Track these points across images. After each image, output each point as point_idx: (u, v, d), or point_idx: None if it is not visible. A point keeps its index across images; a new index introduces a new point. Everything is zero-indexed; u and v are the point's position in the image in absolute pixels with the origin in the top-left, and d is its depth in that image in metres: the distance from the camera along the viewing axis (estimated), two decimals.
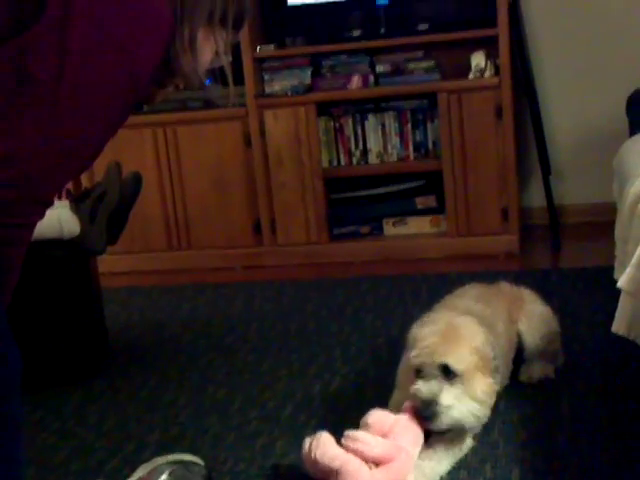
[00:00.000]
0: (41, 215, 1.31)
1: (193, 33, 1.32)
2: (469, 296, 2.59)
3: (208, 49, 1.38)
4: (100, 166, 3.08)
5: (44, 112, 1.22)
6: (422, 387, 2.11)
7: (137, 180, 2.96)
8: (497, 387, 2.25)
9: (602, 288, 3.17)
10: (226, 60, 1.42)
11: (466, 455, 2.16)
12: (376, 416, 2.11)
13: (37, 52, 1.20)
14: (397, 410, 2.19)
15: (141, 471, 2.08)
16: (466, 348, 2.14)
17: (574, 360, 2.66)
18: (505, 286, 2.72)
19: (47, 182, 1.28)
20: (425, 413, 2.08)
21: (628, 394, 2.41)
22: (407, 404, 2.14)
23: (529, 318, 2.57)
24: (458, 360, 2.11)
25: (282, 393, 2.67)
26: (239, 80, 3.93)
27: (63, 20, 1.20)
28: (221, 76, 1.45)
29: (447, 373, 2.10)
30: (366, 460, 2.00)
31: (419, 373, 2.14)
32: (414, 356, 2.14)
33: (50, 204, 1.32)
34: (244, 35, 3.93)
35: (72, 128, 1.25)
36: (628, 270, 2.24)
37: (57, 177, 1.30)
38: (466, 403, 2.11)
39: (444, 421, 2.08)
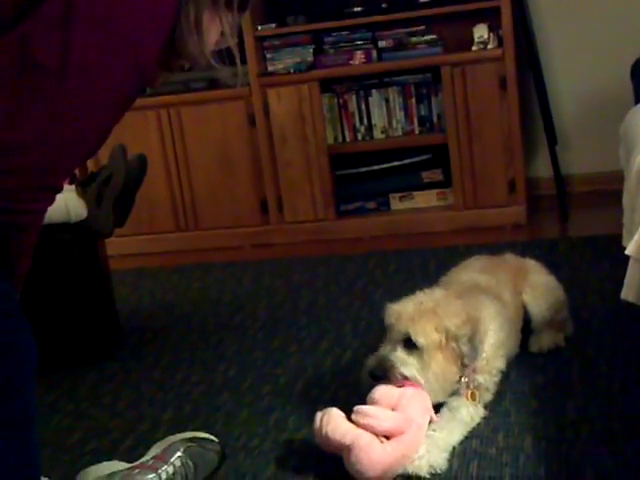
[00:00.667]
0: (51, 201, 1.31)
1: (199, 15, 1.32)
2: (473, 268, 2.59)
3: (214, 30, 1.37)
4: (105, 149, 3.09)
5: (50, 99, 1.22)
6: (379, 351, 2.17)
7: (142, 162, 2.96)
8: (499, 365, 2.27)
9: (610, 256, 3.17)
10: (232, 41, 1.41)
11: (478, 424, 2.18)
12: (382, 391, 2.11)
13: (41, 40, 1.20)
14: None
15: (155, 450, 2.10)
16: (433, 323, 2.15)
17: (584, 328, 2.67)
18: (510, 257, 2.72)
19: (55, 168, 1.28)
20: (376, 372, 2.14)
21: (638, 360, 2.42)
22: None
23: (533, 288, 2.57)
24: (421, 332, 2.13)
25: (293, 369, 2.68)
26: (241, 59, 3.90)
27: (67, 8, 1.20)
28: (228, 57, 1.44)
29: (408, 343, 2.14)
30: (377, 434, 2.01)
31: (386, 333, 2.20)
32: (387, 315, 2.21)
33: (60, 190, 1.32)
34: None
35: (78, 115, 1.25)
36: (636, 237, 2.24)
37: (65, 163, 1.30)
38: (423, 372, 2.14)
39: (394, 376, 2.12)
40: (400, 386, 2.11)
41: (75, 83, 1.23)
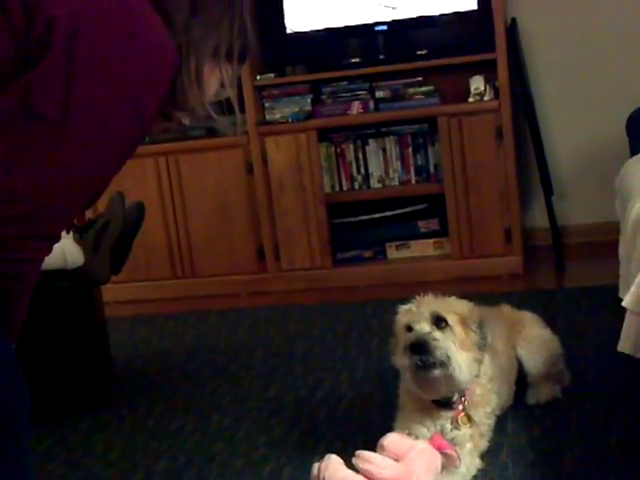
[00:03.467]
0: (48, 250, 1.31)
1: (199, 66, 1.33)
2: None
3: (214, 82, 1.38)
4: (103, 196, 3.10)
5: (49, 149, 1.22)
6: (411, 333, 2.17)
7: (140, 209, 2.97)
8: (493, 409, 2.26)
9: (607, 307, 3.16)
10: (232, 92, 1.42)
11: (475, 477, 2.16)
12: (392, 438, 2.09)
13: (42, 90, 1.21)
14: (403, 432, 2.18)
15: None
16: (451, 307, 2.21)
17: (581, 380, 2.66)
18: (506, 308, 2.72)
19: (53, 218, 1.28)
20: (421, 346, 2.12)
21: (635, 413, 2.40)
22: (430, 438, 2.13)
23: (528, 342, 2.58)
24: (447, 309, 2.18)
25: (289, 419, 2.66)
26: (240, 108, 3.94)
27: (68, 60, 1.21)
28: (227, 107, 1.45)
29: (438, 322, 2.16)
30: None
31: (409, 328, 2.19)
32: (402, 314, 2.23)
33: (57, 240, 1.32)
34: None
35: (78, 165, 1.25)
36: (633, 289, 2.24)
37: (63, 213, 1.30)
38: (460, 356, 2.16)
39: (439, 353, 2.13)
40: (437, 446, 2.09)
41: (75, 134, 1.23)
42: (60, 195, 1.26)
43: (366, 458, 2.01)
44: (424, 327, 2.17)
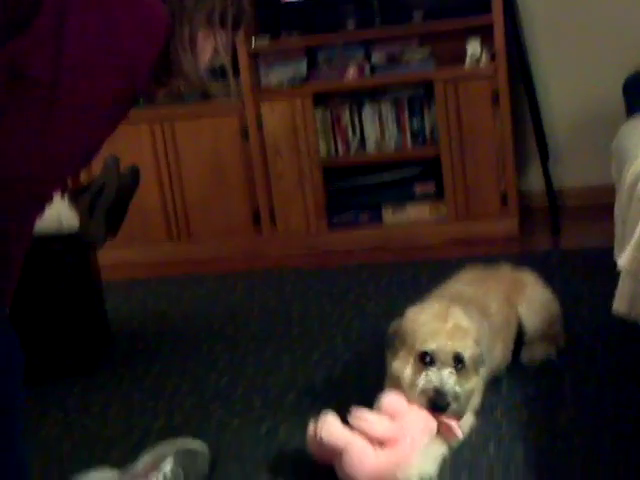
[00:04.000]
0: (41, 212, 1.31)
1: (193, 33, 1.33)
2: (463, 280, 2.60)
3: (208, 48, 1.38)
4: (98, 161, 3.09)
5: (40, 111, 1.22)
6: (433, 377, 2.10)
7: (135, 174, 2.96)
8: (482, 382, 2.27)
9: (602, 269, 3.16)
10: (226, 58, 1.42)
11: (469, 435, 2.18)
12: (391, 398, 2.11)
13: (33, 53, 1.20)
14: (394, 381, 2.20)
15: (146, 458, 2.10)
16: (471, 340, 2.15)
17: (576, 341, 2.68)
18: (505, 269, 2.73)
19: (45, 180, 1.28)
20: (440, 403, 2.07)
21: (629, 374, 2.42)
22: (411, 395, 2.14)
23: (529, 302, 2.58)
24: (468, 350, 2.12)
25: (285, 380, 2.68)
26: (234, 73, 3.92)
27: (58, 25, 1.20)
28: (221, 73, 1.45)
29: (458, 362, 2.11)
30: (371, 440, 2.01)
31: (426, 359, 2.12)
32: (426, 341, 2.11)
33: (50, 201, 1.32)
34: None
35: (69, 128, 1.25)
36: (627, 250, 2.26)
37: (55, 175, 1.31)
38: (465, 393, 2.13)
39: (455, 410, 2.10)
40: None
41: (66, 96, 1.23)
42: (51, 157, 1.26)
43: (362, 416, 2.04)
44: (446, 377, 2.09)
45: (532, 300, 2.59)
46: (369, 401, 2.16)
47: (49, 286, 2.88)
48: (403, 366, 2.16)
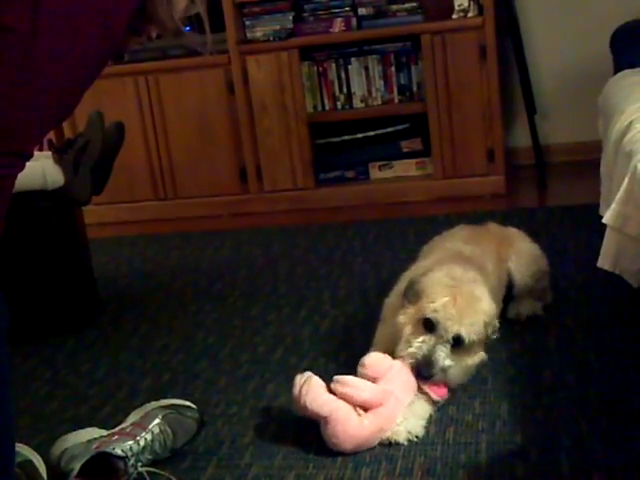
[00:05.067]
0: (21, 167, 1.29)
1: None
2: (458, 237, 2.59)
3: None
4: (82, 116, 3.07)
5: (18, 63, 1.20)
6: (425, 346, 2.10)
7: (120, 129, 2.94)
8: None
9: (588, 225, 3.19)
10: (202, 8, 1.40)
11: (455, 391, 2.19)
12: (373, 358, 2.11)
13: (11, 4, 1.18)
14: (382, 344, 2.20)
15: (134, 417, 2.10)
16: (481, 321, 2.12)
17: (561, 297, 2.69)
18: (493, 226, 2.73)
19: (25, 133, 1.27)
20: (424, 373, 2.08)
21: (615, 329, 2.44)
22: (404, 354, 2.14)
23: (518, 256, 2.58)
24: (472, 333, 2.10)
25: (272, 337, 2.68)
26: (220, 26, 3.88)
27: None
28: (198, 23, 1.43)
29: (457, 342, 2.10)
30: (354, 404, 2.01)
31: (428, 326, 2.11)
32: (432, 310, 2.10)
33: (30, 156, 1.30)
34: None
35: (47, 79, 1.23)
36: (613, 206, 2.26)
37: (35, 128, 1.29)
38: (460, 367, 2.13)
39: (438, 379, 2.10)
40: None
41: (44, 46, 1.21)
42: (31, 109, 1.24)
43: (344, 382, 2.04)
44: (437, 350, 2.08)
45: (521, 255, 2.59)
46: (356, 357, 2.16)
47: (34, 244, 2.87)
48: (406, 322, 2.15)
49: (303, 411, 2.04)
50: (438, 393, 2.11)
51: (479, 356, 2.17)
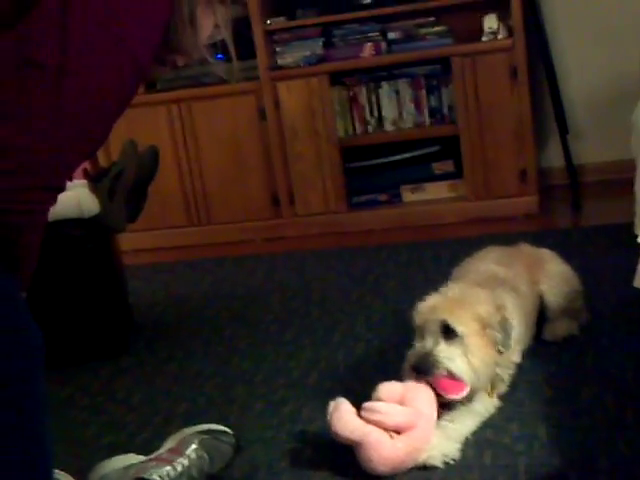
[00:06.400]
0: (53, 201, 1.30)
1: (193, 9, 1.32)
2: (490, 259, 2.58)
3: (207, 23, 1.37)
4: (116, 145, 3.11)
5: (47, 98, 1.22)
6: (418, 345, 2.13)
7: (154, 153, 2.97)
8: (514, 359, 2.25)
9: (623, 245, 3.14)
10: (227, 34, 1.41)
11: (492, 414, 2.18)
12: (385, 389, 2.11)
13: (39, 38, 1.20)
14: None
15: (170, 442, 2.11)
16: (468, 312, 2.13)
17: (598, 317, 2.66)
18: (525, 247, 2.72)
19: (55, 168, 1.28)
20: (420, 367, 2.09)
21: None
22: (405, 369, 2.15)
23: (550, 278, 2.57)
24: (458, 320, 2.11)
25: (306, 361, 2.69)
26: (251, 54, 3.92)
27: (63, 5, 1.20)
28: (225, 51, 1.45)
29: (447, 332, 2.11)
30: (387, 429, 2.01)
31: (419, 330, 2.16)
32: (417, 313, 2.17)
33: (62, 189, 1.31)
34: (254, 8, 3.92)
35: (77, 113, 1.24)
36: None
37: (65, 162, 1.30)
38: (464, 362, 2.10)
39: (438, 372, 2.09)
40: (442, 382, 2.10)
41: (74, 81, 1.23)
42: (61, 144, 1.26)
43: (374, 409, 2.03)
44: (427, 343, 2.12)
45: (553, 276, 2.58)
46: (392, 380, 2.15)
47: (70, 271, 2.90)
48: (424, 341, 2.16)
49: (336, 437, 2.04)
50: (451, 392, 2.09)
51: (486, 353, 2.13)
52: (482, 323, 2.14)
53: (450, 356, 2.09)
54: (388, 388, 2.11)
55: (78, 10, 1.21)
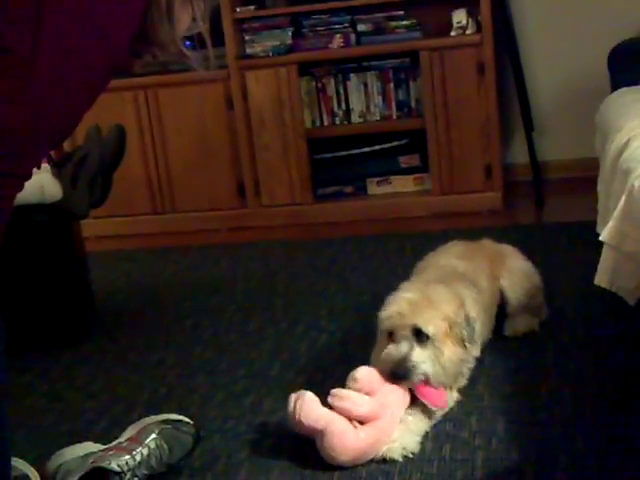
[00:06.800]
0: (20, 188, 1.29)
1: (170, 2, 1.31)
2: (451, 253, 2.60)
3: (185, 17, 1.36)
4: (81, 131, 3.07)
5: (18, 85, 1.20)
6: (393, 349, 2.12)
7: (120, 134, 2.94)
8: (474, 353, 2.27)
9: (585, 242, 3.18)
10: (204, 27, 1.40)
11: (452, 408, 2.19)
12: (364, 371, 2.12)
13: (11, 24, 1.19)
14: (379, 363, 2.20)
15: (130, 431, 2.10)
16: (437, 313, 2.14)
17: (558, 313, 2.69)
18: (487, 243, 2.74)
19: (24, 155, 1.27)
20: (399, 371, 2.09)
21: (611, 346, 2.44)
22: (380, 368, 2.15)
23: (511, 274, 2.59)
24: (428, 323, 2.11)
25: (269, 352, 2.68)
26: (219, 42, 3.90)
27: (35, 5, 1.19)
28: (199, 41, 1.43)
29: (418, 336, 2.11)
30: (351, 418, 2.02)
31: (391, 336, 2.15)
32: (385, 318, 2.16)
33: (29, 177, 1.30)
34: None
35: (47, 101, 1.23)
36: (610, 223, 2.26)
37: (34, 150, 1.29)
38: (437, 364, 2.13)
39: (417, 376, 2.10)
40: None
41: (45, 69, 1.21)
42: (30, 131, 1.24)
43: (342, 396, 2.04)
44: (402, 348, 2.11)
45: (514, 272, 2.60)
46: None
47: (32, 257, 2.87)
48: (378, 351, 2.18)
49: (298, 427, 2.04)
50: (435, 402, 2.11)
51: (455, 352, 2.16)
52: (449, 322, 2.15)
53: (425, 360, 2.10)
54: (367, 372, 2.10)
55: (53, 4, 1.19)
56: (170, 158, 4.10)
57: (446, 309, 2.16)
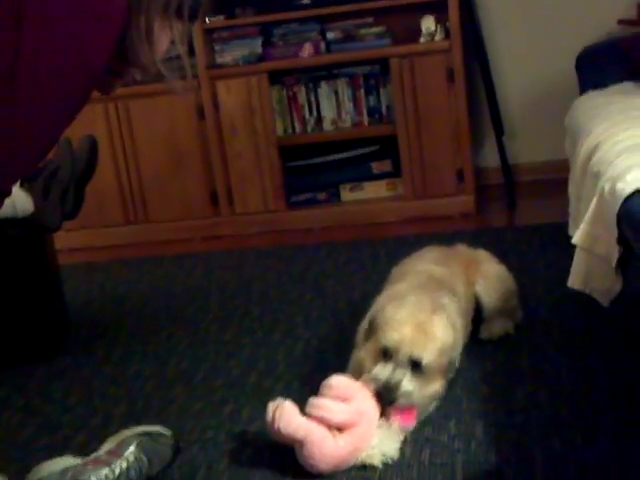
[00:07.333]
0: (0, 204, 1.30)
1: (149, 23, 1.32)
2: (428, 259, 2.61)
3: (164, 39, 1.37)
4: None
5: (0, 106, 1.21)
6: (385, 372, 2.11)
7: (92, 146, 2.92)
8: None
9: (557, 244, 3.22)
10: (183, 49, 1.41)
11: (430, 412, 2.20)
12: (339, 379, 2.12)
13: None
14: (357, 369, 2.20)
15: (109, 444, 2.09)
16: (438, 347, 2.13)
17: (532, 316, 2.71)
18: (462, 248, 2.75)
19: (5, 174, 1.27)
20: (387, 397, 2.08)
21: (585, 347, 2.47)
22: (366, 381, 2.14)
23: (485, 278, 2.60)
24: (430, 358, 2.11)
25: (246, 361, 2.68)
26: (189, 51, 3.89)
27: (15, 18, 1.19)
28: (177, 65, 1.44)
29: (415, 366, 2.11)
30: (329, 427, 2.02)
31: (386, 353, 2.13)
32: (388, 338, 2.12)
33: (7, 195, 1.31)
34: None
35: (27, 122, 1.23)
36: (582, 226, 2.29)
37: (13, 170, 1.29)
38: (423, 394, 2.13)
39: (402, 404, 2.10)
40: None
41: (24, 87, 1.21)
42: (9, 153, 1.24)
43: (319, 405, 2.04)
44: (397, 375, 2.09)
45: (488, 277, 2.62)
46: None
47: (4, 271, 2.85)
48: (367, 355, 2.17)
49: (278, 436, 2.04)
50: (405, 422, 2.11)
51: (440, 384, 2.17)
52: (444, 355, 2.16)
53: (414, 390, 2.10)
54: (341, 380, 2.11)
55: (31, 26, 1.19)
56: (142, 168, 4.09)
57: (445, 341, 2.15)
